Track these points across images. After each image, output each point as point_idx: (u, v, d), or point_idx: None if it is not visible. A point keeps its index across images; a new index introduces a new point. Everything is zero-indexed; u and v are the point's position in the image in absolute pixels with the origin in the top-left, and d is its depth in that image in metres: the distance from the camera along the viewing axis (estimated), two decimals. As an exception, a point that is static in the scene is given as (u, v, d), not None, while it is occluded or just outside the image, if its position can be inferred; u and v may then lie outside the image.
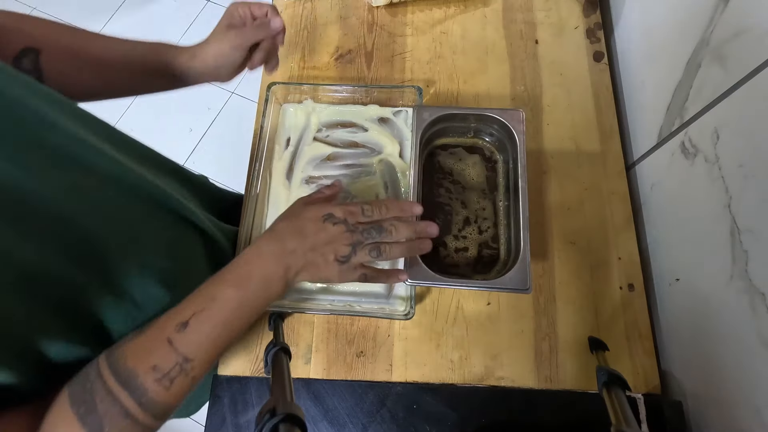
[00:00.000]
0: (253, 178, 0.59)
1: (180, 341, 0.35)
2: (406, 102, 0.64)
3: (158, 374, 0.34)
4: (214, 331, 0.36)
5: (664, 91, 0.55)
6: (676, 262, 0.54)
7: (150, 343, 0.35)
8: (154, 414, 0.34)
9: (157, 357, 0.34)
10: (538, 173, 0.62)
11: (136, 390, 0.33)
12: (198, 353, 0.35)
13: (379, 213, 0.43)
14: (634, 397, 0.52)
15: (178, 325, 0.36)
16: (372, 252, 0.42)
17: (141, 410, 0.33)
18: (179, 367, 0.34)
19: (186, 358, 0.35)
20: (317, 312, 0.54)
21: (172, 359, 0.34)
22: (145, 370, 0.34)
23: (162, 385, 0.34)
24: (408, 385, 0.54)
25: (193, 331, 0.35)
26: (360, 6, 0.74)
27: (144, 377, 0.33)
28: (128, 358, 0.34)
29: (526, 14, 0.71)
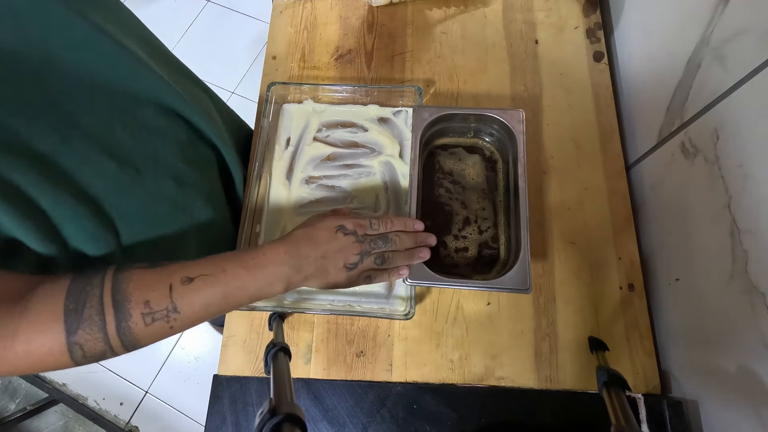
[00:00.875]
0: (253, 178, 0.59)
1: (178, 292, 0.37)
2: (406, 102, 0.64)
3: (146, 309, 0.36)
4: (211, 298, 0.39)
5: (664, 91, 0.55)
6: (676, 262, 0.54)
7: (154, 281, 0.38)
8: (123, 341, 0.36)
9: (153, 294, 0.37)
10: (538, 173, 0.62)
11: (121, 312, 0.36)
12: (187, 310, 0.38)
13: (385, 226, 0.48)
14: (634, 397, 0.52)
15: (184, 278, 0.38)
16: (377, 260, 0.47)
17: (116, 333, 0.36)
18: (166, 312, 0.37)
19: (176, 307, 0.37)
20: (317, 312, 0.54)
21: (165, 303, 0.37)
22: (138, 300, 0.36)
23: (144, 321, 0.36)
24: (408, 385, 0.54)
25: (194, 289, 0.38)
26: (360, 6, 0.74)
27: (134, 305, 0.36)
28: (131, 283, 0.37)
29: (526, 14, 0.71)
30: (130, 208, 0.44)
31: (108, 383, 1.38)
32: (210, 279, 0.39)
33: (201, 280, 0.38)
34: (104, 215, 0.42)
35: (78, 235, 0.40)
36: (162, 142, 0.47)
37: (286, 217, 0.59)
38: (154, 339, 0.38)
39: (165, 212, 0.48)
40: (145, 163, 0.45)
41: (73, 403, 1.34)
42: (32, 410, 1.33)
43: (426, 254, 0.50)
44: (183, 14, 1.80)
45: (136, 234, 0.45)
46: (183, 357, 1.40)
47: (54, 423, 1.35)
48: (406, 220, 0.50)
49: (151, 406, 1.35)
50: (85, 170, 0.40)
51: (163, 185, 0.47)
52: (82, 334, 0.35)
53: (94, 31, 0.39)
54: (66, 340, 0.34)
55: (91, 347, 0.35)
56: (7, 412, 1.33)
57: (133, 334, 0.36)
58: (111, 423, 1.33)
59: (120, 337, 0.36)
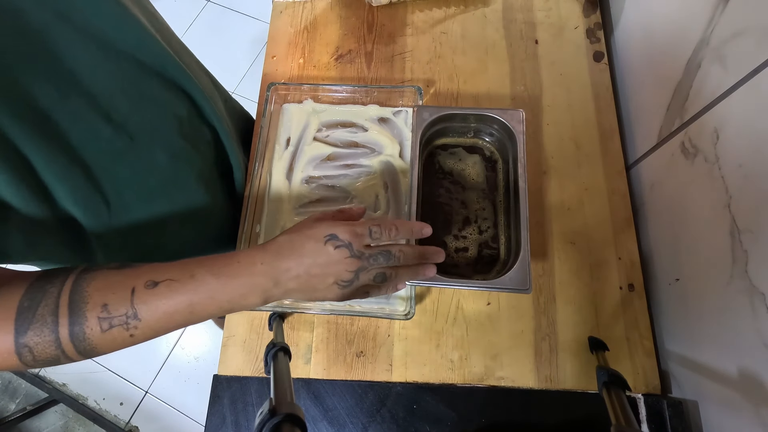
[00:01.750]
0: (253, 178, 0.59)
1: (141, 296, 0.34)
2: (406, 102, 0.64)
3: (104, 313, 0.33)
4: (176, 306, 0.35)
5: (664, 91, 0.55)
6: (676, 262, 0.54)
7: (117, 282, 0.34)
8: (76, 347, 0.33)
9: (113, 297, 0.34)
10: (538, 173, 0.62)
11: (76, 315, 0.33)
12: (149, 317, 0.34)
13: (387, 235, 0.41)
14: (634, 397, 0.52)
15: (149, 281, 0.35)
16: (377, 277, 0.41)
17: (69, 337, 0.33)
18: (125, 318, 0.34)
19: (136, 314, 0.34)
20: (317, 312, 0.54)
21: (124, 308, 0.34)
22: (97, 302, 0.33)
23: (100, 326, 0.33)
24: (408, 385, 0.54)
25: (157, 294, 0.34)
26: (360, 6, 0.74)
27: (91, 308, 0.33)
28: (92, 283, 0.34)
29: (526, 14, 0.71)
30: (122, 175, 0.43)
31: (108, 383, 1.38)
32: (176, 284, 0.35)
33: (166, 285, 0.35)
34: (95, 179, 0.41)
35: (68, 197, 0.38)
36: (161, 114, 0.47)
37: (286, 217, 0.59)
38: (112, 347, 0.35)
39: (157, 184, 0.47)
40: (140, 132, 0.44)
41: (73, 403, 1.34)
42: (32, 410, 1.33)
43: (432, 272, 0.44)
44: (183, 14, 1.80)
45: (127, 204, 0.44)
46: (183, 357, 1.40)
47: (54, 423, 1.35)
48: (412, 226, 0.43)
49: (151, 406, 1.35)
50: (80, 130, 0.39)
51: (157, 156, 0.47)
52: (31, 335, 0.32)
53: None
54: (14, 340, 0.32)
55: (42, 351, 0.32)
56: (7, 412, 1.33)
57: (88, 340, 0.33)
58: (111, 423, 1.33)
59: (73, 341, 0.33)
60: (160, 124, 0.47)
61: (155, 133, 0.46)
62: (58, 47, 0.37)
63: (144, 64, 0.45)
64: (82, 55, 0.39)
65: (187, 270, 0.36)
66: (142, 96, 0.45)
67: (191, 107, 0.52)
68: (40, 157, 0.36)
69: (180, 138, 0.49)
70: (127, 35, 0.42)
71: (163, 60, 0.46)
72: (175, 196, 0.50)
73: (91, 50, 0.40)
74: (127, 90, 0.43)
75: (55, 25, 0.37)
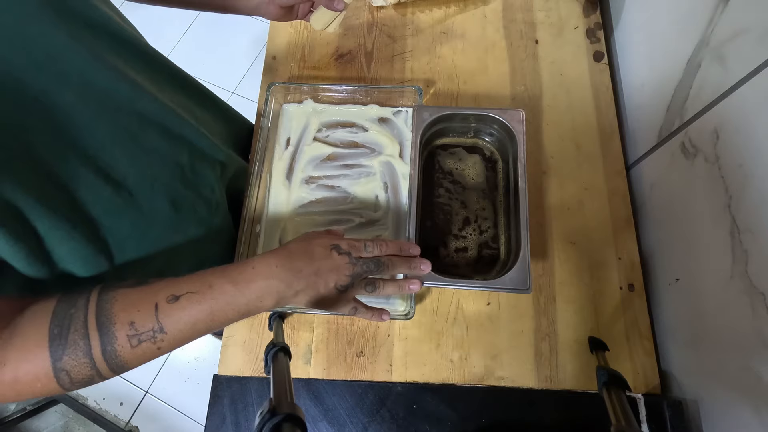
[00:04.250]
0: (253, 178, 0.59)
1: (165, 311, 0.36)
2: (406, 102, 0.64)
3: (132, 331, 0.35)
4: (198, 315, 0.37)
5: (664, 91, 0.55)
6: (676, 262, 0.54)
7: (139, 300, 0.36)
8: (111, 365, 0.35)
9: (138, 315, 0.35)
10: (538, 173, 0.62)
11: (106, 336, 0.34)
12: (174, 329, 0.36)
13: (379, 250, 0.45)
14: (634, 397, 0.52)
15: (170, 296, 0.37)
16: (368, 287, 0.45)
17: (102, 357, 0.34)
18: (152, 333, 0.36)
19: (162, 328, 0.36)
20: (317, 312, 0.54)
21: (150, 324, 0.36)
22: (124, 321, 0.35)
23: (130, 343, 0.35)
24: (408, 385, 0.54)
25: (180, 308, 0.36)
26: (360, 6, 0.74)
27: (119, 327, 0.35)
28: (116, 304, 0.36)
29: (526, 14, 0.71)
30: (124, 230, 0.44)
31: (108, 383, 1.37)
32: (196, 296, 0.37)
33: (187, 298, 0.37)
34: (99, 239, 0.41)
35: (69, 257, 0.39)
36: (162, 164, 0.47)
37: (286, 217, 0.59)
38: (142, 361, 0.36)
39: (158, 234, 0.48)
40: (140, 186, 0.45)
41: (73, 403, 1.34)
42: (32, 410, 1.33)
43: (416, 287, 0.48)
44: (183, 14, 1.80)
45: (128, 254, 0.45)
46: (183, 357, 1.40)
47: (54, 423, 1.35)
48: (401, 244, 0.48)
49: (151, 406, 1.35)
50: (81, 192, 0.39)
51: (158, 206, 0.47)
52: (67, 360, 0.34)
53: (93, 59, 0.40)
54: (52, 366, 0.33)
55: (78, 372, 0.34)
56: (7, 412, 1.33)
57: (120, 357, 0.35)
58: (111, 423, 1.33)
59: (107, 361, 0.35)
60: (160, 174, 0.47)
61: (156, 183, 0.46)
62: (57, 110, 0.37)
63: (143, 116, 0.45)
64: (80, 116, 0.39)
65: (205, 281, 0.38)
66: (141, 149, 0.45)
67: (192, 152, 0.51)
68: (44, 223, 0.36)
69: (181, 185, 0.50)
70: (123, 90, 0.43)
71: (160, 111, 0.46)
72: (177, 239, 0.50)
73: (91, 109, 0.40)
74: (126, 145, 0.43)
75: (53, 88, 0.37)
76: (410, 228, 0.52)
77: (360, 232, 0.58)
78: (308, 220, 0.59)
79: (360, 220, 0.59)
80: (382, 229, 0.58)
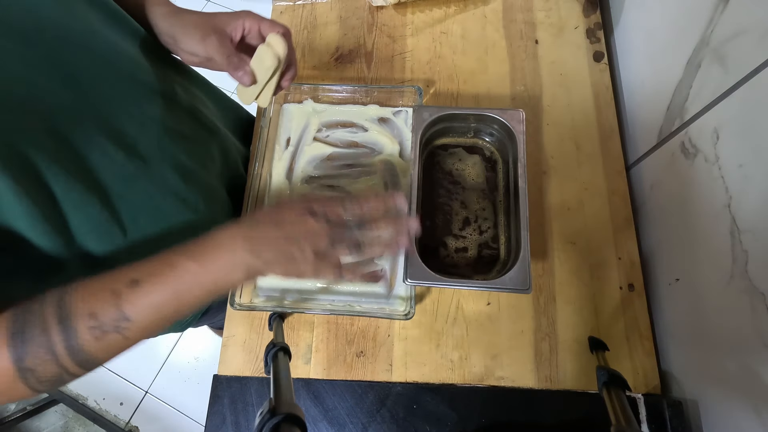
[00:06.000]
0: (253, 178, 0.59)
1: (126, 297, 0.34)
2: (406, 102, 0.64)
3: (93, 322, 0.33)
4: (162, 297, 0.35)
5: (664, 91, 0.55)
6: (676, 262, 0.54)
7: (99, 289, 0.34)
8: (77, 361, 0.33)
9: (98, 305, 0.33)
10: (538, 173, 0.62)
11: (67, 330, 0.32)
12: (139, 316, 0.34)
13: (360, 208, 0.41)
14: (634, 397, 0.52)
15: (130, 280, 0.34)
16: (351, 249, 0.41)
17: (66, 352, 0.32)
18: (115, 323, 0.33)
19: (125, 316, 0.34)
20: (317, 312, 0.54)
21: (112, 313, 0.33)
22: (83, 313, 0.33)
23: (93, 335, 0.33)
24: (408, 385, 0.54)
25: (142, 292, 0.34)
26: (360, 6, 0.74)
27: (79, 320, 0.33)
28: (74, 294, 0.34)
29: (526, 14, 0.71)
30: (136, 199, 0.43)
31: (108, 383, 1.38)
32: (158, 278, 0.35)
33: (148, 281, 0.34)
34: (111, 206, 0.41)
35: (85, 226, 0.39)
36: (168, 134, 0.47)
37: (286, 217, 0.59)
38: (111, 353, 0.34)
39: (170, 206, 0.48)
40: (151, 154, 0.45)
41: (73, 403, 1.34)
42: (32, 410, 1.33)
43: (404, 241, 0.42)
44: (183, 14, 1.80)
45: (141, 228, 0.45)
46: (183, 357, 1.40)
47: (54, 423, 1.35)
48: (385, 198, 0.42)
49: (151, 406, 1.35)
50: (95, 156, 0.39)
51: (169, 177, 0.47)
52: (30, 359, 0.31)
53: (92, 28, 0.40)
54: (15, 365, 0.31)
55: (44, 371, 0.32)
56: (7, 412, 1.33)
57: (86, 352, 0.33)
58: (111, 423, 1.33)
59: (71, 356, 0.32)
60: (167, 145, 0.47)
61: (164, 154, 0.46)
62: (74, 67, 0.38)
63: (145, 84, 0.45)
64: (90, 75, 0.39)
65: (166, 262, 0.36)
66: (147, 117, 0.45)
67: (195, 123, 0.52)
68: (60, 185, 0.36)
69: (187, 157, 0.50)
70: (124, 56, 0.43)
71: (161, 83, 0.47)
72: (188, 216, 0.50)
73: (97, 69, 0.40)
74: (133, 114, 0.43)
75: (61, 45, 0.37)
76: (410, 228, 0.52)
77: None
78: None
79: (360, 220, 0.59)
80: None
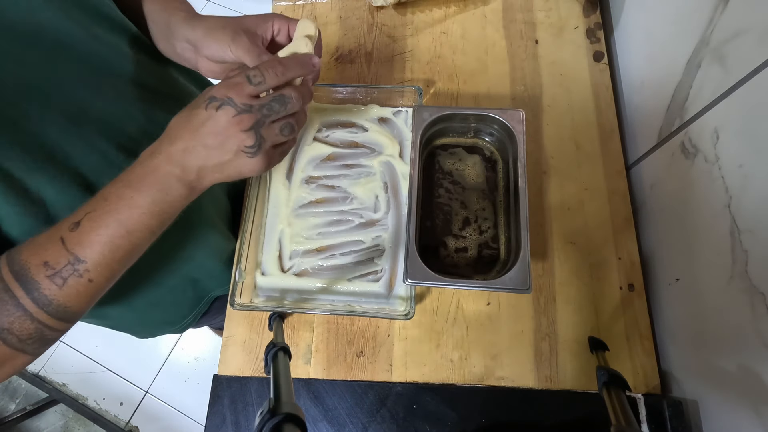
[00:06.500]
0: (253, 178, 0.59)
1: (71, 240, 0.33)
2: (406, 102, 0.64)
3: (49, 271, 0.33)
4: (107, 231, 0.34)
5: (664, 91, 0.55)
6: (676, 262, 0.54)
7: (44, 240, 0.34)
8: (49, 312, 0.33)
9: (48, 254, 0.33)
10: (538, 173, 0.62)
11: (27, 283, 0.32)
12: (92, 255, 0.34)
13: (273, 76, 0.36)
14: (634, 397, 0.52)
15: (71, 224, 0.34)
16: (284, 130, 0.37)
17: (35, 306, 0.32)
18: (71, 266, 0.33)
19: (77, 258, 0.33)
20: (317, 312, 0.54)
21: (64, 258, 0.33)
22: (36, 264, 0.33)
23: (54, 283, 0.33)
24: (408, 385, 0.54)
25: (85, 231, 0.34)
26: (360, 6, 0.74)
27: (35, 271, 0.32)
28: (23, 251, 0.33)
29: (526, 14, 0.71)
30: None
31: (108, 383, 1.38)
32: (96, 213, 0.34)
33: (87, 219, 0.34)
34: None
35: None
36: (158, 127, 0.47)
37: (286, 217, 0.59)
38: (84, 300, 0.34)
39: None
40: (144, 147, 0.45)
41: (73, 403, 1.34)
42: (32, 410, 1.33)
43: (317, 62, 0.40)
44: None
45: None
46: (183, 357, 1.40)
47: (54, 423, 1.35)
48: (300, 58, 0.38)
49: (151, 406, 1.35)
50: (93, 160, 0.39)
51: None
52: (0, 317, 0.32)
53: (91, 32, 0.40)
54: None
55: (21, 329, 0.32)
56: (7, 412, 1.33)
57: (55, 301, 0.33)
58: (111, 423, 1.33)
59: (42, 308, 0.33)
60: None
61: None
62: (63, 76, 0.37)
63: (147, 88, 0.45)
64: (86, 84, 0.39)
65: (101, 196, 0.35)
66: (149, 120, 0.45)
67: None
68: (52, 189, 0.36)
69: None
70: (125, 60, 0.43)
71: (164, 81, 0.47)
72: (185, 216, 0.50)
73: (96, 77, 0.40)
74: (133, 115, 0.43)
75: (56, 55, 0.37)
76: (410, 228, 0.52)
77: (360, 232, 0.58)
78: (308, 220, 0.59)
79: (360, 221, 0.59)
80: (383, 229, 0.58)
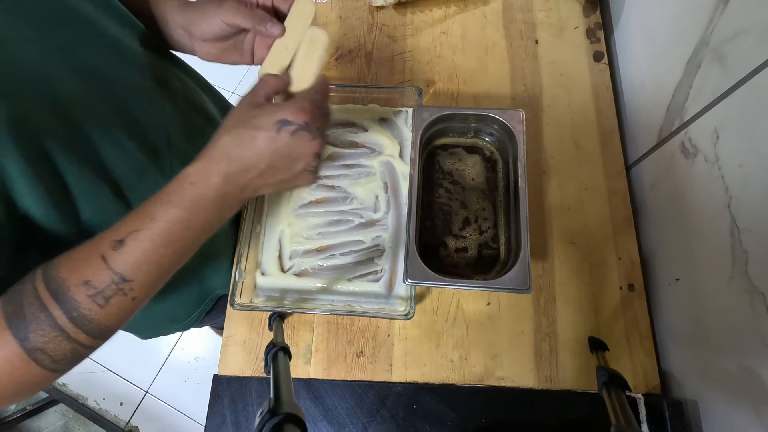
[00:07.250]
0: (253, 178, 0.59)
1: (115, 259, 0.32)
2: (406, 102, 0.64)
3: (91, 290, 0.32)
4: (155, 251, 0.33)
5: (664, 91, 0.55)
6: (676, 262, 0.54)
7: (84, 257, 0.33)
8: (87, 331, 0.32)
9: (89, 272, 0.32)
10: (538, 173, 0.62)
11: (66, 303, 0.31)
12: (138, 274, 0.33)
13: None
14: (634, 397, 0.52)
15: (113, 242, 0.33)
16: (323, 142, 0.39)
17: (72, 325, 0.31)
18: (115, 286, 0.32)
19: (123, 277, 0.32)
20: (317, 312, 0.54)
21: (107, 277, 0.32)
22: (77, 283, 0.32)
23: (96, 303, 0.32)
24: (408, 385, 0.54)
25: (130, 251, 0.33)
26: (360, 6, 0.74)
27: (75, 290, 0.31)
28: (61, 269, 0.32)
29: (526, 14, 0.71)
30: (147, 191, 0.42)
31: (108, 383, 1.38)
32: (142, 234, 0.33)
33: (132, 238, 0.33)
34: (123, 197, 0.41)
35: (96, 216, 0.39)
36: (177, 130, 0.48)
37: (286, 217, 0.59)
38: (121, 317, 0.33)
39: None
40: (162, 147, 0.45)
41: (73, 403, 1.34)
42: (32, 410, 1.33)
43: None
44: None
45: None
46: (183, 357, 1.40)
47: (54, 423, 1.35)
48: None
49: (151, 406, 1.35)
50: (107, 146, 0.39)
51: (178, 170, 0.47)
52: (35, 337, 0.30)
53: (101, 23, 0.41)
54: (21, 347, 0.30)
55: (55, 349, 0.31)
56: (7, 412, 1.33)
57: (94, 321, 0.32)
58: (111, 423, 1.33)
59: (80, 328, 0.31)
60: (176, 139, 0.48)
61: (174, 147, 0.47)
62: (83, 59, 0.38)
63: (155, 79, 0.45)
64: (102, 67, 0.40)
65: (146, 215, 0.34)
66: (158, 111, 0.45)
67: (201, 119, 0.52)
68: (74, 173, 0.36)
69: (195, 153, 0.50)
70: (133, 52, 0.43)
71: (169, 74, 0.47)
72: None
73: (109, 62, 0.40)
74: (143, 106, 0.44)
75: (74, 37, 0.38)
76: (410, 228, 0.52)
77: (360, 232, 0.58)
78: (308, 220, 0.59)
79: (360, 221, 0.59)
80: (383, 229, 0.58)
